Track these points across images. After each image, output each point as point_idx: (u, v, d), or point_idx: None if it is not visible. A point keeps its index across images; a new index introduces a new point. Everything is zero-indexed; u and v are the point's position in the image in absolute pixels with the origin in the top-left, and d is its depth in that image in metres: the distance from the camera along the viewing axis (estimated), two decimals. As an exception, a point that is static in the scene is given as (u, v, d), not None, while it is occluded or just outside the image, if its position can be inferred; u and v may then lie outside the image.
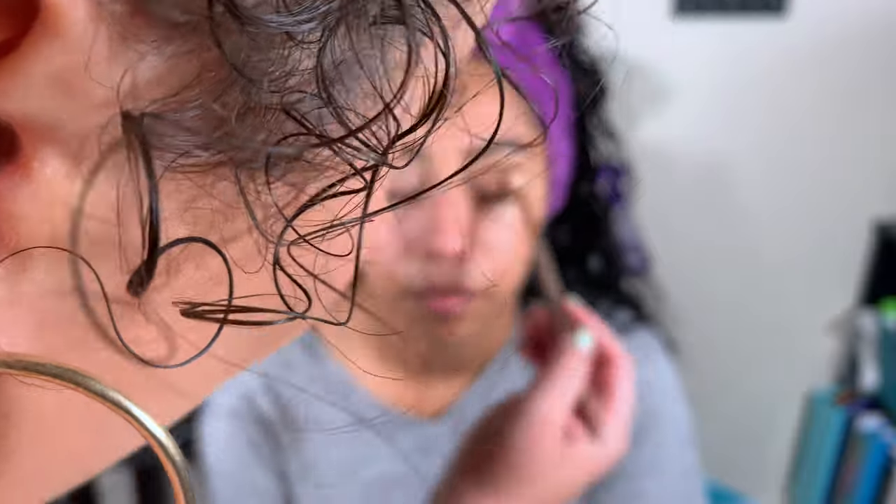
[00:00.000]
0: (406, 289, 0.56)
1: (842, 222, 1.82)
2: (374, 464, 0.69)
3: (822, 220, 1.81)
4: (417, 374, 0.68)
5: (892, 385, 1.75)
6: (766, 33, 1.62)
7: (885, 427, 1.83)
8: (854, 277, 1.89)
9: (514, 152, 0.54)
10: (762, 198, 1.78)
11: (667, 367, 0.71)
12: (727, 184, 1.76)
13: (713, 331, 1.83)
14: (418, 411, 0.69)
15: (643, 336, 0.71)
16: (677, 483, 0.71)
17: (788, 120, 1.71)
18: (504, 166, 0.54)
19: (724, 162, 1.74)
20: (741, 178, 1.76)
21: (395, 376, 0.69)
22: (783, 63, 1.66)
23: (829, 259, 1.86)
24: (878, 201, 1.81)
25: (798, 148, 1.74)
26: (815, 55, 1.66)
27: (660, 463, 0.69)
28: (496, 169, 0.53)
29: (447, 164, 0.52)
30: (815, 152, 1.74)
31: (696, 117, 1.68)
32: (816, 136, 1.72)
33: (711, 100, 1.67)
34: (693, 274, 1.79)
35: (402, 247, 0.55)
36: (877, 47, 1.65)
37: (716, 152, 1.73)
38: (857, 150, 1.75)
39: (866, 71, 1.67)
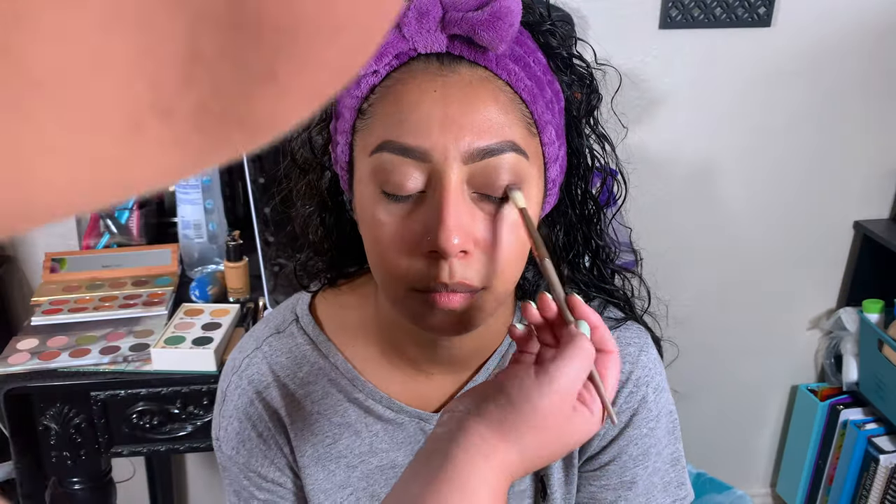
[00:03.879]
0: (409, 285, 0.57)
1: (825, 224, 1.86)
2: (378, 453, 0.71)
3: (806, 222, 1.85)
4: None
5: (872, 380, 1.78)
6: (751, 42, 1.65)
7: (867, 420, 1.85)
8: (837, 277, 1.93)
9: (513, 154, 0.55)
10: (748, 200, 1.82)
11: (656, 362, 0.73)
12: (715, 187, 1.79)
13: (701, 328, 1.84)
14: (420, 404, 0.70)
15: (634, 332, 0.73)
16: (666, 471, 0.73)
17: (773, 125, 1.74)
18: (503, 167, 0.55)
19: (711, 166, 1.77)
20: (728, 182, 1.79)
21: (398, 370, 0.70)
22: (768, 71, 1.68)
23: (813, 259, 1.89)
24: (860, 204, 1.84)
25: (783, 152, 1.77)
26: (799, 64, 1.68)
27: (649, 452, 0.71)
28: (496, 169, 0.55)
29: (449, 165, 0.54)
30: (799, 157, 1.78)
31: (685, 123, 1.72)
32: (801, 141, 1.76)
33: (699, 106, 1.70)
34: (682, 273, 1.82)
35: (404, 244, 0.56)
36: (859, 56, 1.69)
37: (703, 156, 1.76)
38: (840, 154, 1.79)
39: (849, 78, 1.71)
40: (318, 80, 0.15)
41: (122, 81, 0.12)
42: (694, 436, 1.88)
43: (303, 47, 0.14)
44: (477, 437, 0.51)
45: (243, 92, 0.14)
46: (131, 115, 0.13)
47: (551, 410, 0.51)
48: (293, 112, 0.15)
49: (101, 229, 1.52)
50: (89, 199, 0.14)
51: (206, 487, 1.93)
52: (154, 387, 1.24)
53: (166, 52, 0.13)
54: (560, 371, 0.51)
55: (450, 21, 0.55)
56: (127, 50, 0.12)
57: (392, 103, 0.56)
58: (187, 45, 0.13)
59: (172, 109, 0.13)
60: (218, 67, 0.13)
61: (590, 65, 0.65)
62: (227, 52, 0.13)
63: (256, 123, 0.15)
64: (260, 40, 0.13)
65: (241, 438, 0.71)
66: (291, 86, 0.14)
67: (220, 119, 0.14)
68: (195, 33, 0.13)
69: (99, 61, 0.12)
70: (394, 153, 0.55)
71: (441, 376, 0.70)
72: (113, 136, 0.13)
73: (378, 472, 0.71)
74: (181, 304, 1.35)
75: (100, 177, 0.14)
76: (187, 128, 0.14)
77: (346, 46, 0.15)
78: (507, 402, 0.52)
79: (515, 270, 0.59)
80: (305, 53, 0.14)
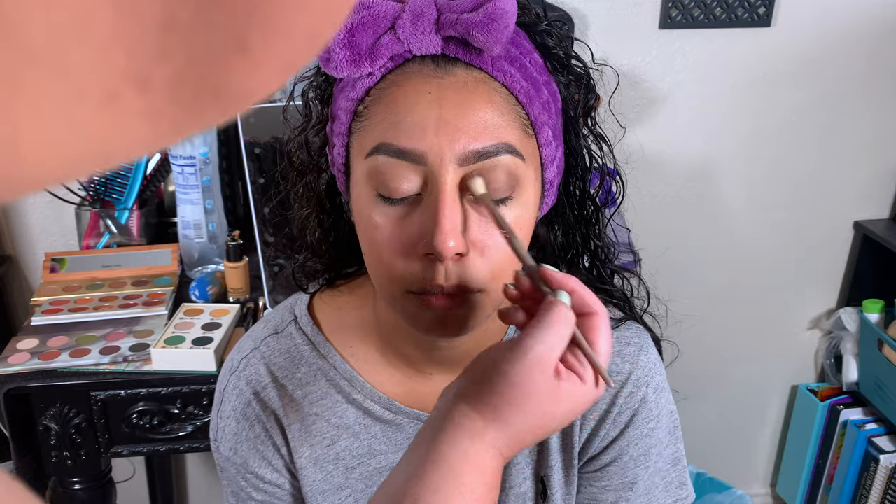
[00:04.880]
0: (405, 287, 0.57)
1: (825, 225, 1.86)
2: (377, 455, 0.71)
3: (806, 222, 1.85)
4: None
5: (872, 380, 1.78)
6: (751, 42, 1.65)
7: (867, 420, 1.85)
8: (837, 277, 1.93)
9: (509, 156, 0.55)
10: (748, 200, 1.82)
11: (656, 362, 0.73)
12: (715, 187, 1.79)
13: (701, 328, 1.83)
14: (418, 405, 0.70)
15: (634, 332, 0.72)
16: (667, 471, 0.73)
17: (773, 125, 1.74)
18: (499, 168, 0.55)
19: (711, 166, 1.77)
20: (728, 182, 1.79)
21: (397, 371, 0.70)
22: (768, 71, 1.68)
23: (814, 260, 1.89)
24: (860, 204, 1.84)
25: (783, 152, 1.77)
26: (799, 64, 1.68)
27: (650, 452, 0.71)
28: (492, 171, 0.55)
29: (444, 168, 0.54)
30: (799, 157, 1.78)
31: (684, 123, 1.71)
32: (801, 141, 1.76)
33: (699, 106, 1.70)
34: (682, 273, 1.82)
35: (401, 246, 0.56)
36: (859, 56, 1.69)
37: (703, 156, 1.76)
38: (840, 154, 1.79)
39: (849, 78, 1.71)
40: (288, 50, 0.15)
41: (100, 50, 0.13)
42: (694, 436, 1.88)
43: (273, 14, 0.14)
44: (460, 416, 0.50)
45: (217, 62, 0.14)
46: (108, 85, 0.13)
47: (528, 381, 0.49)
48: (266, 83, 0.15)
49: (101, 229, 1.53)
50: (69, 168, 0.14)
51: (206, 487, 1.93)
52: (154, 387, 1.24)
53: (142, 20, 0.13)
54: (533, 339, 0.50)
55: (445, 23, 0.55)
56: (105, 18, 0.12)
57: (387, 105, 0.56)
58: (162, 14, 0.13)
59: (148, 79, 0.13)
60: (192, 36, 0.14)
61: (587, 65, 0.64)
62: (201, 19, 0.13)
63: (230, 95, 0.15)
64: (232, 7, 0.14)
65: (239, 439, 0.71)
66: (263, 56, 0.15)
67: (195, 90, 0.14)
68: (173, 4, 0.13)
69: (79, 30, 0.12)
70: (389, 156, 0.55)
71: (439, 377, 0.70)
72: (91, 106, 0.13)
73: (376, 474, 0.71)
74: (181, 304, 1.35)
75: (79, 146, 0.14)
76: (163, 98, 0.14)
77: (314, 14, 0.15)
78: (484, 379, 0.51)
79: (512, 272, 0.59)
80: (276, 21, 0.14)
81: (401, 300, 0.58)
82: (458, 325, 0.58)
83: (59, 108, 0.13)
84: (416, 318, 0.58)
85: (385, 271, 0.58)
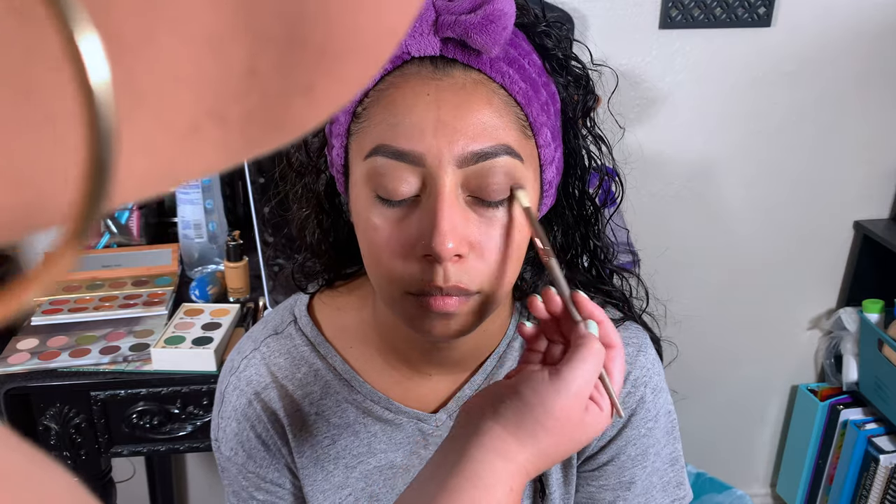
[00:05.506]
0: (404, 289, 0.57)
1: (825, 224, 1.86)
2: (376, 454, 0.71)
3: (806, 222, 1.85)
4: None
5: (872, 380, 1.78)
6: (751, 42, 1.65)
7: (867, 420, 1.85)
8: (837, 277, 1.92)
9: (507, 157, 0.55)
10: (748, 200, 1.81)
11: (654, 362, 0.73)
12: (714, 186, 1.79)
13: (701, 328, 1.84)
14: (418, 405, 0.71)
15: (633, 332, 0.72)
16: (665, 471, 0.73)
17: (773, 125, 1.74)
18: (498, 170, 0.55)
19: (711, 166, 1.77)
20: (728, 182, 1.79)
21: (396, 371, 0.70)
22: (768, 71, 1.68)
23: (813, 260, 1.89)
24: (860, 204, 1.84)
25: (783, 152, 1.77)
26: (799, 64, 1.68)
27: (648, 452, 0.71)
28: (491, 173, 0.55)
29: (443, 170, 0.54)
30: (799, 156, 1.78)
31: (684, 123, 1.71)
32: (801, 141, 1.76)
33: (699, 106, 1.70)
34: (681, 273, 1.82)
35: (399, 248, 0.56)
36: (858, 56, 1.68)
37: (703, 156, 1.76)
38: (840, 154, 1.79)
39: (848, 78, 1.71)
40: (341, 91, 0.17)
41: (194, 92, 0.15)
42: (694, 436, 1.88)
43: (335, 64, 0.16)
44: (494, 438, 0.52)
45: (285, 102, 0.16)
46: (193, 120, 0.15)
47: (565, 412, 0.52)
48: (319, 116, 0.18)
49: (101, 229, 1.53)
50: (144, 188, 0.16)
51: (206, 487, 1.94)
52: (154, 387, 1.24)
53: (231, 69, 0.15)
54: (573, 374, 0.53)
55: (443, 24, 0.54)
56: (200, 66, 0.14)
57: (386, 107, 0.55)
58: (248, 63, 0.15)
59: (226, 116, 0.15)
60: (269, 81, 0.16)
61: (586, 66, 0.64)
62: (278, 68, 0.15)
63: (290, 128, 0.17)
64: (305, 59, 0.16)
65: (240, 439, 0.71)
66: (323, 97, 0.17)
67: (263, 124, 0.16)
68: (255, 53, 0.15)
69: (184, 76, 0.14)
70: (388, 157, 0.55)
71: (439, 377, 0.71)
72: (175, 137, 0.15)
73: (376, 473, 0.71)
74: (181, 304, 1.35)
75: (156, 169, 0.16)
76: (235, 131, 0.16)
77: (363, 64, 0.17)
78: (523, 405, 0.53)
79: (511, 273, 0.59)
80: (338, 69, 0.17)
81: (399, 301, 0.58)
82: (457, 327, 0.59)
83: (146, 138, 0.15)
84: (414, 320, 0.58)
85: (384, 273, 0.58)
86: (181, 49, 0.14)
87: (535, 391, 0.53)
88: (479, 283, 0.57)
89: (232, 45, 0.15)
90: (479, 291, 0.57)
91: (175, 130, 0.15)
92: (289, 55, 0.15)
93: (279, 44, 0.15)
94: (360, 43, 0.17)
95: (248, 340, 0.74)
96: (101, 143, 0.13)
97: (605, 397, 0.55)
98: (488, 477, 0.51)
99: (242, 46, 0.15)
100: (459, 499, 0.50)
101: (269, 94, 0.16)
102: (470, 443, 0.52)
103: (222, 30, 0.14)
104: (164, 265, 1.48)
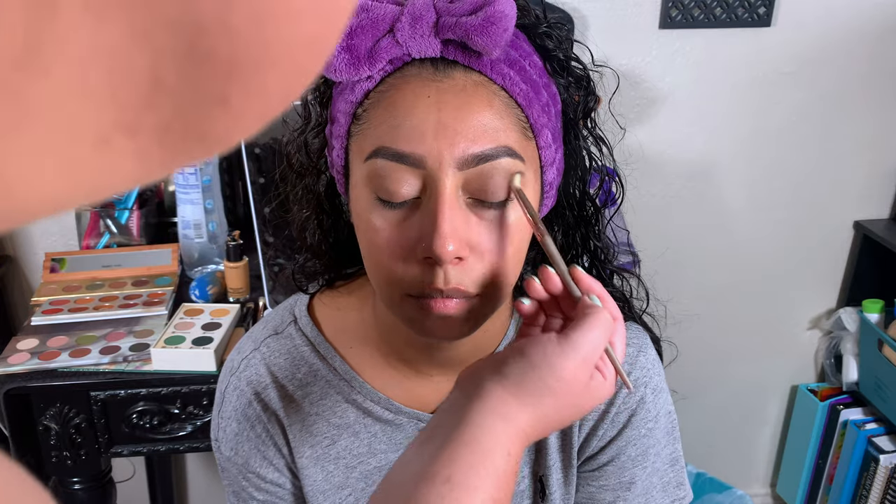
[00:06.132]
0: (404, 291, 0.57)
1: (825, 224, 1.86)
2: (377, 454, 0.71)
3: (806, 222, 1.85)
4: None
5: (872, 380, 1.78)
6: (751, 42, 1.65)
7: (867, 420, 1.85)
8: (837, 277, 1.92)
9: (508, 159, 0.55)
10: (748, 200, 1.81)
11: (655, 363, 0.73)
12: (715, 187, 1.79)
13: (701, 328, 1.83)
14: (418, 405, 0.71)
15: (633, 333, 0.72)
16: (665, 471, 0.73)
17: (773, 125, 1.74)
18: (499, 172, 0.55)
19: (711, 166, 1.77)
20: (728, 182, 1.79)
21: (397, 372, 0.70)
22: (768, 71, 1.68)
23: (813, 259, 1.89)
24: (860, 204, 1.84)
25: (783, 152, 1.77)
26: (799, 64, 1.68)
27: (648, 453, 0.71)
28: (491, 175, 0.55)
29: (444, 172, 0.54)
30: (799, 156, 1.78)
31: (684, 123, 1.71)
32: (801, 141, 1.76)
33: (699, 106, 1.70)
34: (682, 273, 1.82)
35: (400, 250, 0.56)
36: (859, 56, 1.68)
37: (703, 156, 1.76)
38: (840, 154, 1.78)
39: (849, 78, 1.71)
40: (264, 103, 0.18)
41: (93, 104, 0.15)
42: (694, 436, 1.88)
43: (248, 76, 0.16)
44: (495, 398, 0.52)
45: (200, 113, 0.16)
46: (100, 132, 0.15)
47: (573, 376, 0.52)
48: (244, 129, 0.18)
49: (101, 229, 1.53)
50: (60, 201, 0.16)
51: (206, 487, 1.94)
52: (154, 387, 1.24)
53: (133, 81, 0.15)
54: (584, 338, 0.53)
55: (443, 26, 0.54)
56: (100, 80, 0.15)
57: (386, 109, 0.55)
58: (150, 75, 0.15)
59: (137, 127, 0.16)
60: (177, 93, 0.16)
61: (587, 67, 0.64)
62: (185, 80, 0.16)
63: (213, 139, 0.17)
64: (213, 70, 0.16)
65: (240, 439, 0.71)
66: (242, 108, 0.17)
67: (181, 135, 0.16)
68: (157, 66, 0.15)
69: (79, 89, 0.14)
70: (388, 159, 0.55)
71: (439, 377, 0.71)
72: (84, 149, 0.15)
73: (377, 473, 0.71)
74: (181, 304, 1.35)
75: (74, 182, 0.16)
76: (151, 142, 0.16)
77: (283, 77, 0.17)
78: (529, 367, 0.52)
79: (511, 275, 0.59)
80: (250, 81, 0.17)
81: (400, 303, 0.58)
82: (457, 329, 0.59)
83: (52, 152, 0.15)
84: (414, 321, 0.58)
85: (384, 274, 0.58)
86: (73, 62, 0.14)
87: (543, 352, 0.52)
88: (480, 285, 0.57)
89: (129, 56, 0.15)
90: (479, 294, 0.58)
91: (82, 142, 0.15)
92: (194, 67, 0.16)
93: (181, 55, 0.15)
94: (275, 55, 0.17)
95: (248, 340, 0.74)
96: None
97: (609, 367, 0.55)
98: (487, 441, 0.50)
99: (141, 57, 0.15)
100: (457, 463, 0.49)
101: (181, 105, 0.16)
102: (471, 404, 0.52)
103: (115, 41, 0.14)
104: (164, 265, 1.48)
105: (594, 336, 0.53)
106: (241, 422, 0.71)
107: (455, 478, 0.48)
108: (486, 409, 0.51)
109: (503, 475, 0.50)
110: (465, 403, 0.52)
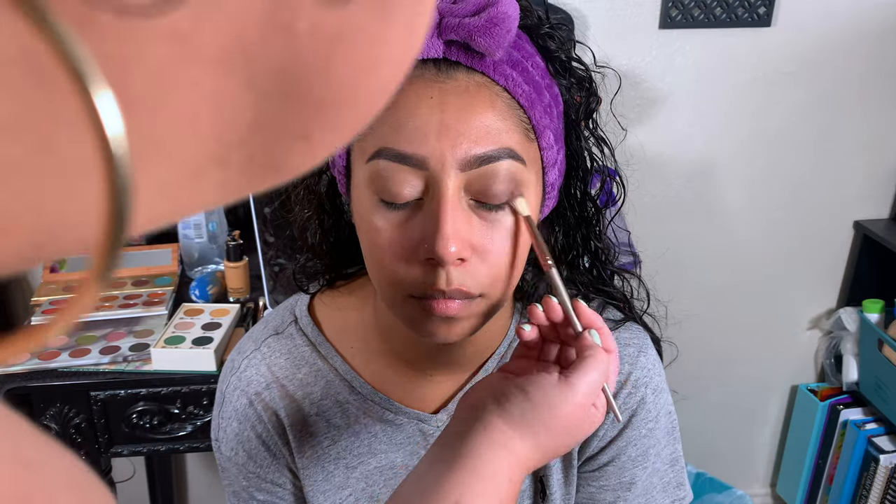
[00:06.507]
0: (406, 292, 0.57)
1: (825, 225, 1.86)
2: (377, 454, 0.71)
3: (806, 222, 1.85)
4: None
5: (872, 380, 1.78)
6: (751, 42, 1.65)
7: (867, 420, 1.85)
8: (837, 277, 1.92)
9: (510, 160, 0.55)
10: (748, 200, 1.81)
11: (655, 363, 0.73)
12: (715, 187, 1.79)
13: (701, 328, 1.84)
14: (419, 405, 0.71)
15: (633, 333, 0.73)
16: (665, 471, 0.73)
17: (773, 125, 1.74)
18: (501, 173, 0.55)
19: (711, 166, 1.77)
20: (728, 182, 1.79)
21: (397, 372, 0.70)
22: (768, 71, 1.68)
23: (814, 259, 1.89)
24: (860, 204, 1.84)
25: (783, 152, 1.77)
26: (799, 64, 1.68)
27: (648, 453, 0.72)
28: (493, 176, 0.55)
29: (446, 173, 0.54)
30: (799, 157, 1.78)
31: (685, 123, 1.71)
32: (801, 141, 1.76)
33: (699, 106, 1.70)
34: (682, 273, 1.82)
35: (402, 251, 0.56)
36: (858, 56, 1.68)
37: (703, 157, 1.76)
38: (840, 154, 1.79)
39: (849, 78, 1.71)
40: (338, 137, 0.19)
41: (199, 141, 0.16)
42: (694, 436, 1.88)
43: (331, 115, 0.18)
44: (498, 431, 0.54)
45: (284, 147, 0.18)
46: (199, 165, 0.17)
47: (570, 416, 0.55)
48: (316, 160, 0.19)
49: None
50: (152, 222, 0.17)
51: (206, 487, 1.94)
52: (154, 387, 1.24)
53: (235, 121, 0.16)
54: (583, 381, 0.55)
55: (446, 27, 0.54)
56: (209, 119, 0.16)
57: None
58: (252, 116, 0.16)
59: (228, 160, 0.17)
60: (270, 131, 0.17)
61: (589, 68, 0.64)
62: (280, 119, 0.17)
63: (287, 169, 0.19)
64: (302, 110, 0.17)
65: (240, 439, 0.71)
66: (320, 142, 0.19)
67: (262, 167, 0.18)
68: (259, 108, 0.16)
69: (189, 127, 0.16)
70: (390, 160, 0.55)
71: (440, 378, 0.71)
72: (185, 179, 0.17)
73: (377, 473, 0.72)
74: (181, 304, 1.35)
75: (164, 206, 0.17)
76: (236, 173, 0.17)
77: (358, 114, 0.19)
78: (530, 406, 0.54)
79: (514, 276, 0.59)
80: (332, 118, 0.18)
81: (401, 304, 0.58)
82: (459, 330, 0.59)
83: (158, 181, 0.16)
84: (416, 322, 0.59)
85: (386, 275, 0.58)
86: (189, 105, 0.15)
87: (545, 394, 0.54)
88: (482, 286, 0.57)
89: (237, 100, 0.16)
90: (481, 295, 0.58)
91: (183, 173, 0.16)
92: (289, 108, 0.17)
93: (281, 98, 0.16)
94: (357, 96, 0.18)
95: (248, 340, 0.74)
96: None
97: (602, 399, 0.57)
98: (492, 469, 0.53)
99: (248, 102, 0.16)
100: (464, 487, 0.52)
101: (268, 140, 0.17)
102: (476, 435, 0.54)
103: (229, 89, 0.16)
104: (164, 265, 1.48)
105: (592, 379, 0.55)
106: (241, 422, 0.71)
107: (463, 501, 0.52)
108: (490, 440, 0.54)
109: (506, 499, 0.53)
110: (470, 434, 0.55)
